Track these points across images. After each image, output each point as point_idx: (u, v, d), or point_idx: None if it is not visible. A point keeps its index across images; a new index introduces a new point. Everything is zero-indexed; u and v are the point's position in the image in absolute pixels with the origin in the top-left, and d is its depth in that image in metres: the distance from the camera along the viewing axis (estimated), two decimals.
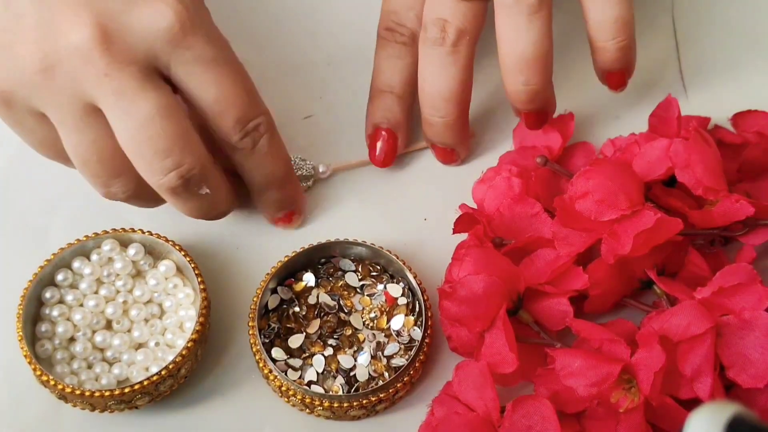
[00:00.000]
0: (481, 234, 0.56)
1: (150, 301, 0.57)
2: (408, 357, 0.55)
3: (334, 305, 0.57)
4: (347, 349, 0.56)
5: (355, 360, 0.55)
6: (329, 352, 0.55)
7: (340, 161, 0.63)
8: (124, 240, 0.57)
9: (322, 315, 0.57)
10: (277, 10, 0.69)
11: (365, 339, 0.56)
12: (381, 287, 0.57)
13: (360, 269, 0.58)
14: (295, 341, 0.56)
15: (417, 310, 0.56)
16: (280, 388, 0.54)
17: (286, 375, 0.54)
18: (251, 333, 0.55)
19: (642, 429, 0.49)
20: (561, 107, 0.61)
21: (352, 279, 0.58)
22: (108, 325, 0.56)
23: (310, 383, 0.54)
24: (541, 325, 0.54)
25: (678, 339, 0.50)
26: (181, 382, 0.54)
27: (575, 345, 0.53)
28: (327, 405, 0.53)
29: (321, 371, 0.55)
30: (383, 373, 0.55)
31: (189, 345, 0.53)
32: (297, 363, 0.55)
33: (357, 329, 0.56)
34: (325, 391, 0.54)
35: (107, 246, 0.57)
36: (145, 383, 0.52)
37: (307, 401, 0.53)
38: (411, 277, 0.56)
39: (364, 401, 0.53)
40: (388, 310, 0.57)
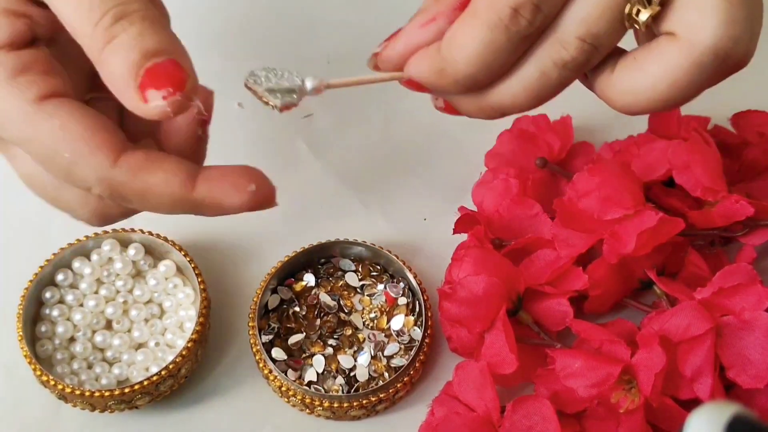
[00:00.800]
0: (481, 235, 0.56)
1: (150, 301, 0.57)
2: (408, 357, 0.55)
3: (334, 305, 0.57)
4: (347, 349, 0.56)
5: (355, 360, 0.55)
6: (329, 352, 0.55)
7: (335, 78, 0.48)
8: (124, 240, 0.57)
9: (322, 315, 0.57)
10: (277, 8, 0.69)
11: (365, 339, 0.56)
12: (381, 287, 0.57)
13: (360, 269, 0.58)
14: (295, 341, 0.56)
15: (417, 310, 0.56)
16: (280, 388, 0.54)
17: (286, 375, 0.54)
18: (251, 333, 0.55)
19: (642, 429, 0.49)
20: (558, 110, 0.61)
21: (352, 279, 0.58)
22: (108, 325, 0.56)
23: (310, 383, 0.54)
24: (541, 326, 0.54)
25: (678, 339, 0.50)
26: (181, 382, 0.55)
27: (575, 345, 0.53)
28: (327, 405, 0.53)
29: (321, 371, 0.55)
30: (383, 373, 0.55)
31: (189, 345, 0.53)
32: (298, 363, 0.55)
33: (357, 329, 0.56)
34: (325, 391, 0.54)
35: (107, 246, 0.57)
36: (145, 383, 0.52)
37: (307, 401, 0.53)
38: (411, 277, 0.56)
39: (364, 401, 0.53)
40: (388, 310, 0.57)
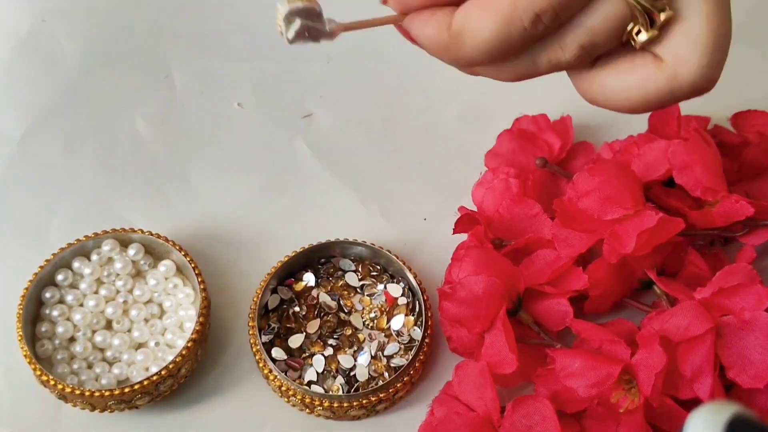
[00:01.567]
0: (481, 235, 0.56)
1: (150, 301, 0.57)
2: (408, 357, 0.55)
3: (334, 305, 0.57)
4: (347, 349, 0.56)
5: (355, 360, 0.55)
6: (329, 352, 0.55)
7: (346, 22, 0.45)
8: (124, 240, 0.57)
9: (322, 315, 0.57)
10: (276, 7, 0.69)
11: (365, 339, 0.56)
12: (381, 287, 0.57)
13: (360, 269, 0.58)
14: (295, 341, 0.56)
15: (417, 310, 0.56)
16: (280, 388, 0.54)
17: (286, 375, 0.54)
18: (251, 333, 0.55)
19: (642, 429, 0.49)
20: (558, 110, 0.61)
21: (352, 279, 0.58)
22: (108, 325, 0.56)
23: (310, 383, 0.54)
24: (541, 326, 0.54)
25: (678, 339, 0.50)
26: (181, 381, 0.55)
27: (575, 345, 0.53)
28: (327, 405, 0.53)
29: (321, 371, 0.55)
30: (383, 373, 0.55)
31: (189, 345, 0.53)
32: (298, 363, 0.55)
33: (357, 329, 0.56)
34: (325, 391, 0.54)
35: (107, 246, 0.57)
36: (145, 383, 0.52)
37: (307, 401, 0.53)
38: (411, 277, 0.56)
39: (364, 401, 0.53)
40: (388, 310, 0.57)
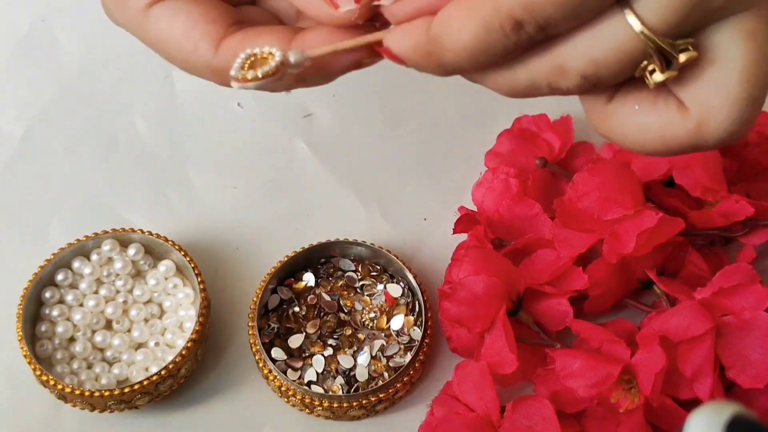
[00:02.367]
0: (481, 235, 0.56)
1: (150, 301, 0.57)
2: (408, 357, 0.55)
3: (334, 305, 0.57)
4: (347, 349, 0.56)
5: (355, 360, 0.55)
6: (329, 352, 0.55)
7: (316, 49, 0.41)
8: (123, 240, 0.57)
9: (322, 315, 0.57)
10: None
11: (365, 339, 0.56)
12: (381, 287, 0.57)
13: (360, 269, 0.58)
14: (295, 341, 0.56)
15: (417, 310, 0.56)
16: (280, 388, 0.54)
17: (285, 375, 0.54)
18: (251, 333, 0.55)
19: (642, 429, 0.49)
20: (559, 110, 0.61)
21: (352, 279, 0.58)
22: (108, 325, 0.56)
23: (309, 383, 0.54)
24: (541, 326, 0.54)
25: (678, 340, 0.50)
26: (181, 382, 0.55)
27: (575, 345, 0.53)
28: (327, 405, 0.53)
29: (321, 371, 0.55)
30: (383, 373, 0.55)
31: (189, 345, 0.53)
32: (297, 363, 0.55)
33: (357, 329, 0.56)
34: (325, 391, 0.54)
35: (107, 246, 0.57)
36: (145, 383, 0.52)
37: (307, 401, 0.53)
38: (411, 277, 0.56)
39: (363, 401, 0.53)
40: (388, 310, 0.57)
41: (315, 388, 0.54)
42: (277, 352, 0.55)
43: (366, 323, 0.56)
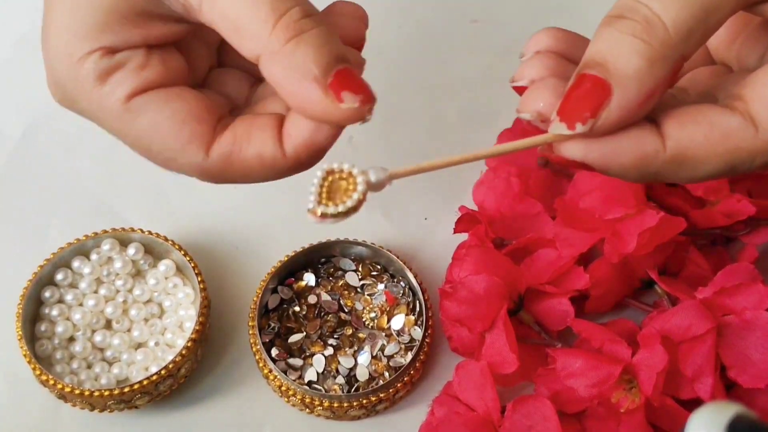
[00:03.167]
0: (482, 234, 0.56)
1: (150, 301, 0.57)
2: (409, 357, 0.55)
3: (334, 305, 0.57)
4: (347, 349, 0.56)
5: (356, 360, 0.55)
6: (329, 352, 0.55)
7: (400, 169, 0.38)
8: (123, 239, 0.57)
9: (322, 315, 0.57)
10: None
11: (365, 339, 0.56)
12: (381, 287, 0.57)
13: (360, 269, 0.58)
14: (296, 341, 0.55)
15: (417, 309, 0.56)
16: (280, 387, 0.54)
17: (286, 375, 0.54)
18: (251, 333, 0.55)
19: (643, 429, 0.49)
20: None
21: (352, 279, 0.58)
22: (108, 325, 0.56)
23: (310, 383, 0.54)
24: (542, 325, 0.54)
25: (679, 339, 0.50)
26: (181, 381, 0.55)
27: (576, 345, 0.53)
28: (327, 405, 0.53)
29: (321, 371, 0.55)
30: (383, 373, 0.55)
31: (189, 345, 0.53)
32: (297, 363, 0.55)
33: (357, 329, 0.56)
34: (325, 391, 0.54)
35: (107, 245, 0.57)
36: (145, 383, 0.52)
37: (307, 401, 0.53)
38: (411, 277, 0.56)
39: (364, 401, 0.53)
40: (388, 309, 0.57)
41: (315, 387, 0.54)
42: (276, 352, 0.55)
43: (366, 323, 0.56)
